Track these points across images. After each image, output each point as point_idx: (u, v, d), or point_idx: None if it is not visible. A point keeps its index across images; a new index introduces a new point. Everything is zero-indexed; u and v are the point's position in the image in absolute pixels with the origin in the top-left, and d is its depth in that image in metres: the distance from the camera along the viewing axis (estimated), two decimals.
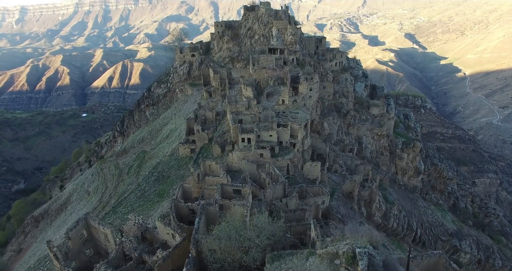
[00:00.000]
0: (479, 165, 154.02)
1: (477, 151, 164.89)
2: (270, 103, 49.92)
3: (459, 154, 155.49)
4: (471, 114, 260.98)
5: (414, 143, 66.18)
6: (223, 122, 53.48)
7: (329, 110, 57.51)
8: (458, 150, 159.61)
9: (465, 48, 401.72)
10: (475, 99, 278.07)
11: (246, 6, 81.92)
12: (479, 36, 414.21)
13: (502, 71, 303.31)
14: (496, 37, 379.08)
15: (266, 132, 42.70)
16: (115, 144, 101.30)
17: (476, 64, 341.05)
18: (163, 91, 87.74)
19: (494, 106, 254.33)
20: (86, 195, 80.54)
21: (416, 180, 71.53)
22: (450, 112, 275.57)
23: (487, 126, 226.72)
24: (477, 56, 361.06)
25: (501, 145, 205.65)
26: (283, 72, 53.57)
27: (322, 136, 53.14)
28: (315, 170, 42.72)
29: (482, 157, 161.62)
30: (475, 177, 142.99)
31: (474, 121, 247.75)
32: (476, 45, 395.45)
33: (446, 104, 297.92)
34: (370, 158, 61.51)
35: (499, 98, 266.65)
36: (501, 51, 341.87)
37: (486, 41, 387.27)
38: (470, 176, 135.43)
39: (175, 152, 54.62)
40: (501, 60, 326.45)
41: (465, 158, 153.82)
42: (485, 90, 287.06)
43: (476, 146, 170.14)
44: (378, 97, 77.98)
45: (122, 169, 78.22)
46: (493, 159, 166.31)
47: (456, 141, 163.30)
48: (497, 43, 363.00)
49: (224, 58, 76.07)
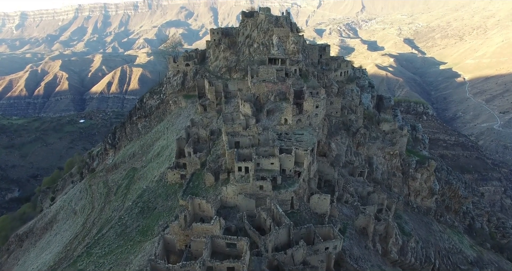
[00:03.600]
0: (483, 172, 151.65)
1: (481, 158, 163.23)
2: (271, 122, 43.99)
3: (463, 162, 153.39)
4: (471, 119, 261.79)
5: (429, 161, 60.02)
6: (218, 143, 47.51)
7: (336, 129, 51.49)
8: (461, 157, 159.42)
9: (464, 53, 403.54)
10: (475, 104, 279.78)
11: (244, 12, 76.07)
12: (477, 41, 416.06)
13: (502, 76, 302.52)
14: (495, 43, 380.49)
15: (266, 160, 36.67)
16: (107, 157, 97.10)
17: (476, 69, 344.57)
18: (155, 102, 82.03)
19: (494, 112, 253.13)
20: (72, 214, 76.96)
21: (430, 201, 65.42)
22: (450, 118, 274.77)
23: (488, 131, 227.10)
24: (476, 61, 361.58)
25: (503, 151, 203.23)
26: (285, 86, 47.82)
27: (329, 158, 47.10)
28: (323, 204, 36.66)
29: (486, 164, 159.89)
30: (479, 184, 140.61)
31: (474, 126, 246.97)
32: (475, 50, 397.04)
33: (446, 109, 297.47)
34: (381, 179, 55.47)
35: (500, 104, 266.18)
36: (500, 56, 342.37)
37: (485, 46, 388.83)
38: (475, 184, 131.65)
39: (163, 177, 48.65)
40: (501, 65, 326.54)
41: (468, 166, 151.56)
42: (485, 95, 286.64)
43: (479, 152, 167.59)
44: (385, 108, 72.12)
45: (110, 187, 74.17)
46: (496, 166, 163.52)
47: (459, 148, 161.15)
48: (496, 48, 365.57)
49: (221, 68, 70.29)
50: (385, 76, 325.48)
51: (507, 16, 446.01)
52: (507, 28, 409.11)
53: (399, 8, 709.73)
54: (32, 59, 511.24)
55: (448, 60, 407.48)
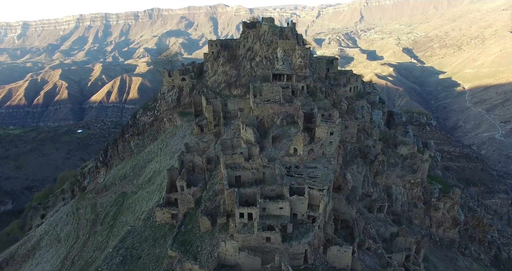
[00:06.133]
0: (489, 184, 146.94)
1: (486, 170, 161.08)
2: (278, 151, 37.47)
3: (468, 174, 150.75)
4: (472, 129, 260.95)
5: (454, 190, 53.08)
6: (215, 174, 40.71)
7: (352, 157, 44.75)
8: (466, 169, 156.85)
9: (463, 63, 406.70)
10: (476, 113, 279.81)
11: (246, 23, 70.45)
12: (476, 51, 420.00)
13: (501, 85, 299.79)
14: (493, 52, 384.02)
15: (274, 204, 29.87)
16: (98, 175, 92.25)
17: (475, 79, 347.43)
18: (149, 119, 75.84)
19: (495, 121, 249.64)
20: (56, 242, 72.63)
21: (453, 232, 58.13)
22: (451, 127, 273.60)
23: (490, 141, 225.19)
24: (475, 70, 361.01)
25: (505, 161, 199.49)
26: (293, 108, 41.59)
27: (344, 191, 40.31)
28: (344, 257, 29.81)
29: (492, 176, 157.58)
30: (486, 197, 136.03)
31: (476, 136, 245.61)
32: (473, 59, 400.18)
33: (447, 119, 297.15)
34: (401, 212, 48.34)
35: (500, 113, 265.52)
36: (499, 66, 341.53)
37: (483, 56, 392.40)
38: (482, 197, 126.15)
39: (151, 215, 41.70)
40: (500, 74, 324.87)
41: (474, 178, 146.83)
42: (486, 105, 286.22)
43: (484, 164, 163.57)
44: (396, 125, 65.75)
45: (98, 213, 69.07)
46: (501, 177, 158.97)
47: (464, 160, 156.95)
48: (494, 58, 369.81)
49: (220, 83, 64.33)
50: (385, 85, 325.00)
51: (504, 27, 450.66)
52: (505, 38, 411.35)
53: (397, 18, 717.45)
54: (33, 68, 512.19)
55: (447, 69, 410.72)
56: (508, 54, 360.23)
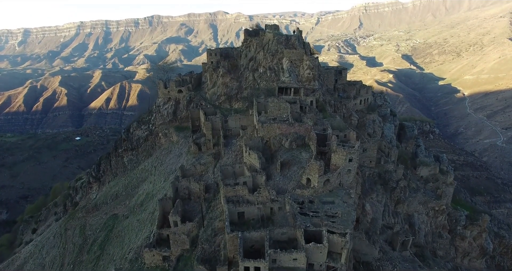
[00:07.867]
0: (495, 194, 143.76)
1: (491, 178, 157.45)
2: (287, 180, 31.70)
3: (473, 183, 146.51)
4: (473, 135, 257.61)
5: (482, 216, 47.11)
6: (214, 205, 34.93)
7: (371, 184, 38.81)
8: (471, 178, 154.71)
9: (462, 69, 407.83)
10: (477, 120, 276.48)
11: (248, 30, 65.23)
12: (475, 57, 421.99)
13: (502, 92, 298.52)
14: (492, 59, 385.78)
15: (287, 255, 24.11)
16: (90, 191, 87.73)
17: (474, 85, 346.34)
18: (143, 133, 70.61)
19: (496, 128, 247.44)
20: (40, 268, 65.51)
21: (480, 262, 51.91)
22: (452, 133, 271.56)
23: (492, 148, 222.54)
24: (474, 77, 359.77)
25: (508, 168, 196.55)
26: (304, 129, 35.85)
27: (363, 224, 34.43)
28: None
29: (497, 185, 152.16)
30: (492, 207, 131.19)
31: (477, 142, 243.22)
32: (472, 66, 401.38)
33: (447, 125, 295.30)
34: (424, 243, 42.23)
35: (501, 119, 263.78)
36: (498, 72, 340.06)
37: (482, 62, 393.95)
38: (488, 207, 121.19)
39: (140, 255, 35.70)
40: (499, 81, 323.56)
41: (479, 187, 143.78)
42: (486, 111, 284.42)
43: (489, 172, 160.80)
44: (408, 139, 60.19)
45: (86, 237, 64.47)
46: (505, 185, 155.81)
47: (468, 169, 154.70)
48: (494, 64, 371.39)
49: (219, 96, 59.14)
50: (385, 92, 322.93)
51: (502, 34, 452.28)
52: (503, 44, 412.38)
53: (396, 25, 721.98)
54: (33, 75, 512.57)
55: (446, 76, 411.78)
56: (507, 60, 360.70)
